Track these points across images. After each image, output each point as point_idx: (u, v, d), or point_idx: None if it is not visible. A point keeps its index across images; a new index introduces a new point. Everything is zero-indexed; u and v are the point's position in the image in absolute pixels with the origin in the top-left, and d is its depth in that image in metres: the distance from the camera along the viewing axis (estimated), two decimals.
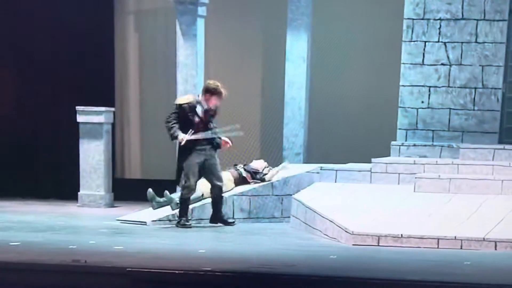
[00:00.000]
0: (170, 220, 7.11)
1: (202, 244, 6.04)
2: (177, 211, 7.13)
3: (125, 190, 8.80)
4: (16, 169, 9.25)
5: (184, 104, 6.75)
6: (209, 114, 6.77)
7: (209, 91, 6.73)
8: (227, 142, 6.81)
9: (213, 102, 6.76)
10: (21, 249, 5.41)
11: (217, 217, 6.86)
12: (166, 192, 7.28)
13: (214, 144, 6.79)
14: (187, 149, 6.73)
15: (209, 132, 6.72)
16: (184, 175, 6.77)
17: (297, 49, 8.37)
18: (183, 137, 6.71)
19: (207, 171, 6.78)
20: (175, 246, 5.87)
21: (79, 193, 8.61)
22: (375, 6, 8.50)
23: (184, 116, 6.72)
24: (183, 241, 6.19)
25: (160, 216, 7.14)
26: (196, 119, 6.72)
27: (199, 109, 6.74)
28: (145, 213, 7.30)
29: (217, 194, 6.84)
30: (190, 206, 7.09)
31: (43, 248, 5.47)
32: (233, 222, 6.91)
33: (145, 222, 7.08)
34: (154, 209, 7.32)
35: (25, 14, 9.19)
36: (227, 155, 7.76)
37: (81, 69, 9.14)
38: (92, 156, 8.51)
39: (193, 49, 8.45)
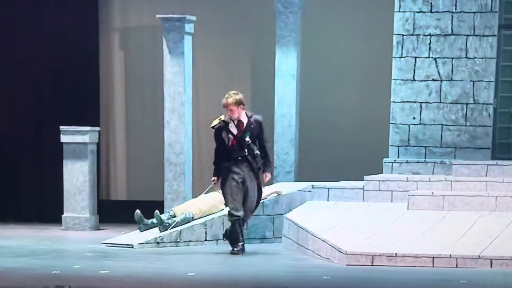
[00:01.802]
0: (158, 243, 6.95)
1: (192, 267, 5.88)
2: (164, 233, 6.96)
3: (111, 212, 8.63)
4: None
5: (216, 124, 6.40)
6: (244, 129, 6.26)
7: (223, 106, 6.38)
8: (266, 176, 6.35)
9: (229, 113, 6.32)
10: (1, 275, 5.24)
11: (226, 234, 6.47)
12: (157, 212, 7.09)
13: (253, 165, 6.24)
14: (225, 171, 6.36)
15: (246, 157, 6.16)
16: (225, 200, 6.43)
17: (286, 65, 8.31)
18: (213, 179, 6.45)
19: (244, 195, 6.32)
20: (163, 270, 5.71)
21: (63, 215, 8.42)
22: (364, 22, 8.48)
23: (221, 137, 6.35)
24: (172, 264, 6.04)
25: (147, 239, 6.98)
26: (230, 137, 6.30)
27: (232, 127, 6.32)
28: (132, 236, 7.15)
29: (237, 221, 6.35)
30: (180, 227, 6.92)
31: (25, 274, 5.31)
32: (237, 251, 6.44)
33: (132, 245, 6.93)
34: (141, 231, 7.15)
35: (8, 32, 9.05)
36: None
37: (65, 88, 9.00)
38: (77, 177, 8.35)
39: (181, 66, 8.35)
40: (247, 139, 6.33)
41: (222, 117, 6.47)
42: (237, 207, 6.40)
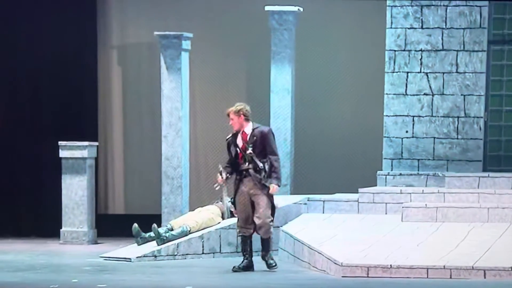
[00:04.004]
0: (155, 256, 7.00)
1: (189, 280, 5.94)
2: (162, 246, 7.02)
3: (109, 225, 8.65)
4: None
5: (228, 138, 6.35)
6: (247, 141, 6.15)
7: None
8: (272, 187, 6.25)
9: (230, 122, 6.30)
10: None
11: (262, 256, 6.30)
12: (154, 225, 7.15)
13: (256, 178, 6.13)
14: (235, 188, 6.36)
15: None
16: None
17: (281, 81, 8.42)
18: (219, 179, 6.37)
19: (253, 209, 6.23)
20: (161, 283, 5.77)
21: (61, 230, 8.44)
22: (357, 38, 8.62)
23: (230, 150, 6.24)
24: (169, 278, 6.08)
25: (145, 252, 7.03)
26: (237, 150, 6.20)
27: (239, 139, 6.21)
28: (130, 249, 7.20)
29: (260, 234, 6.25)
30: (178, 240, 6.97)
31: None
32: (274, 266, 6.26)
33: (129, 258, 6.98)
34: (139, 245, 7.20)
35: (7, 48, 9.12)
36: (212, 189, 7.71)
37: (64, 103, 9.05)
38: (75, 191, 8.40)
39: (178, 82, 8.45)
40: (249, 151, 6.24)
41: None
42: (243, 225, 6.38)
